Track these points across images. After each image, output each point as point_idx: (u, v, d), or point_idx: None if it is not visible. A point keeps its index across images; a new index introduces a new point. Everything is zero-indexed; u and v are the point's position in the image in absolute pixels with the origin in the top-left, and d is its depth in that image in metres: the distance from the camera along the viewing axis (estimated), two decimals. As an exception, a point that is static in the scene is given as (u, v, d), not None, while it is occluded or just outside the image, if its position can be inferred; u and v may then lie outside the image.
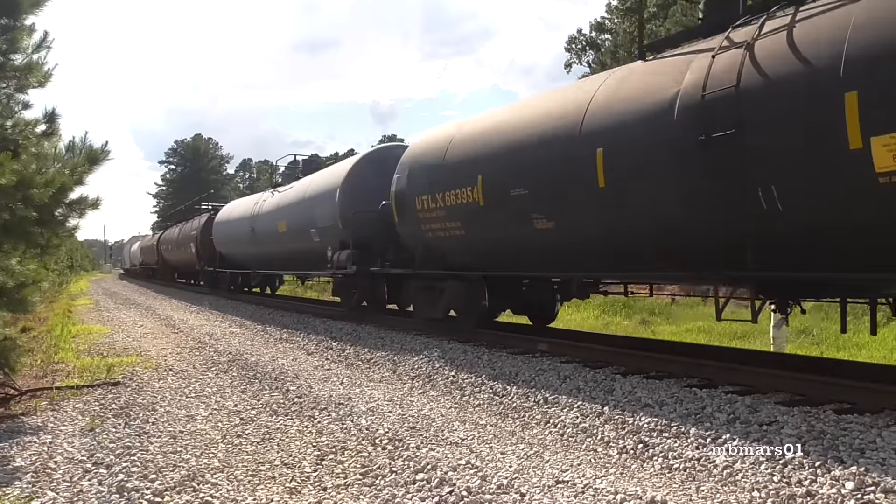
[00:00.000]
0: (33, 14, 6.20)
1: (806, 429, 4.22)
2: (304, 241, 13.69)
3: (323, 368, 7.77)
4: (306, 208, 13.57)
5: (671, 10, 27.80)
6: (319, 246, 12.77)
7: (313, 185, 13.80)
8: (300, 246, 14.09)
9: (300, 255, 14.42)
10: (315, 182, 13.87)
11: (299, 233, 13.96)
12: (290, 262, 16.05)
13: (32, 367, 7.98)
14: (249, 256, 18.76)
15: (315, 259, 13.20)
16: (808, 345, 10.29)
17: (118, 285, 37.61)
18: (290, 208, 14.72)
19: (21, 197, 5.97)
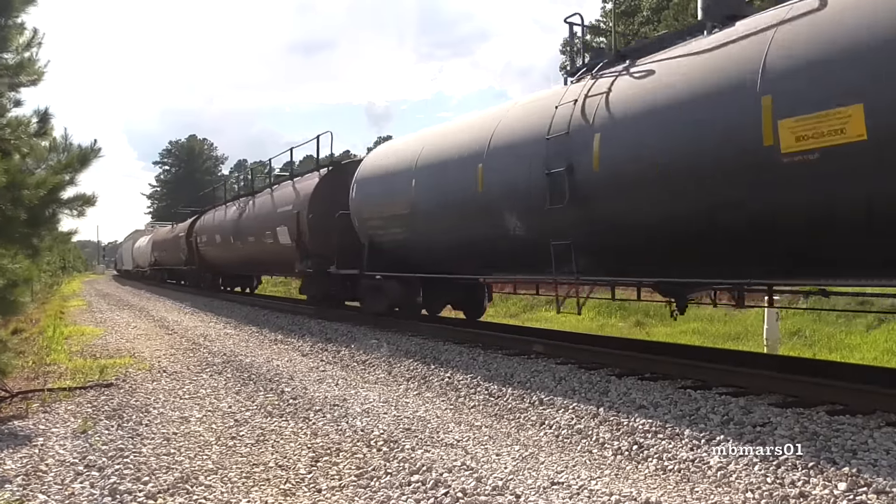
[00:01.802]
0: (25, 12, 6.17)
1: (799, 430, 4.24)
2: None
3: (318, 370, 7.75)
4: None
5: (663, 15, 27.89)
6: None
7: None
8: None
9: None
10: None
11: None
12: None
13: (24, 368, 7.93)
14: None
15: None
16: (800, 346, 10.33)
17: (111, 286, 37.43)
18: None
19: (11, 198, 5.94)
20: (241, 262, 18.28)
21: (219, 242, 19.14)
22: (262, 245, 15.22)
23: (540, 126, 7.18)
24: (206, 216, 22.27)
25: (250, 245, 16.26)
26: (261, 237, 15.26)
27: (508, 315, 17.47)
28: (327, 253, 12.32)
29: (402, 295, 10.80)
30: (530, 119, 7.54)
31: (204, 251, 21.52)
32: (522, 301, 19.26)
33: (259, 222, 15.50)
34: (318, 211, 12.68)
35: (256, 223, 15.69)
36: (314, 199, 12.86)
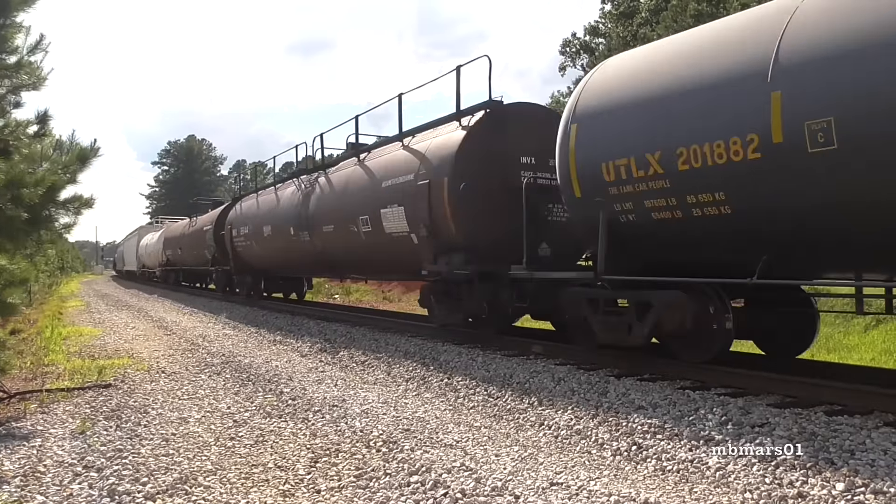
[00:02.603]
0: (24, 11, 6.16)
1: (797, 430, 4.24)
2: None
3: (317, 370, 7.75)
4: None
5: (662, 16, 27.92)
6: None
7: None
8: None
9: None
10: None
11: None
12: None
13: (22, 369, 7.92)
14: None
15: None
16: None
17: (110, 287, 37.38)
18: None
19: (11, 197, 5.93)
20: (307, 260, 13.68)
21: (268, 236, 14.99)
22: (351, 237, 10.82)
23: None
24: (245, 203, 17.68)
25: (328, 237, 11.85)
26: (347, 226, 10.85)
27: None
28: (485, 244, 8.22)
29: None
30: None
31: (243, 248, 17.15)
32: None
33: (344, 205, 11.13)
34: (472, 178, 8.23)
35: (339, 207, 11.35)
36: (462, 160, 8.27)
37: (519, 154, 8.49)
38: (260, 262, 16.72)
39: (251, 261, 17.14)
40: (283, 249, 14.33)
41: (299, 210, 13.10)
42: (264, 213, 15.56)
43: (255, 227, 15.90)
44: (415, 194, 8.94)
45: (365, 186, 10.54)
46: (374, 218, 9.99)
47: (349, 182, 11.29)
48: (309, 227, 12.57)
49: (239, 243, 17.37)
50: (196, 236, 22.68)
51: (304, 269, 16.17)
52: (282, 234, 14.05)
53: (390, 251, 9.98)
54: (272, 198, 15.43)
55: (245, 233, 16.80)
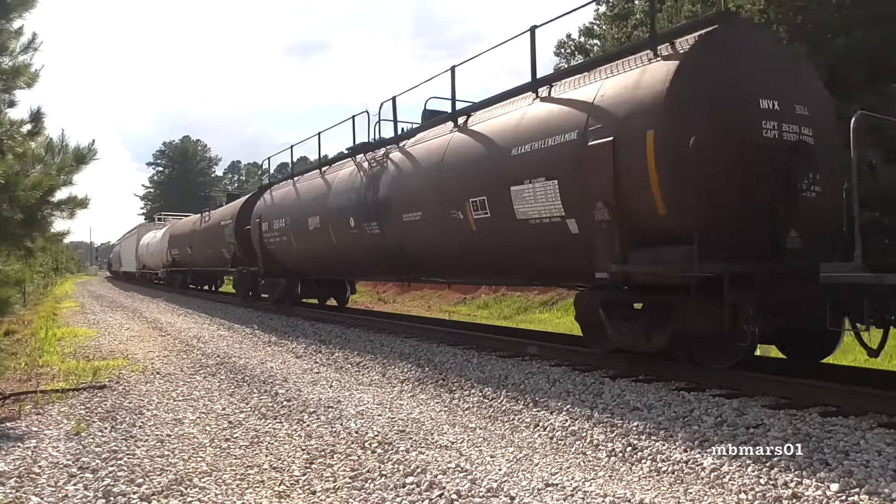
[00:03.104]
0: (21, 16, 6.16)
1: (792, 431, 4.26)
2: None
3: (312, 372, 7.74)
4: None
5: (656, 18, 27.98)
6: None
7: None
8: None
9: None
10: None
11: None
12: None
13: (16, 370, 7.90)
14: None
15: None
16: (793, 348, 10.35)
17: (104, 288, 37.27)
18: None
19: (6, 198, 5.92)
20: (373, 259, 10.76)
21: (315, 230, 12.22)
22: (451, 227, 8.19)
23: None
24: (278, 192, 14.92)
25: (412, 229, 9.14)
26: (446, 213, 8.23)
27: (502, 317, 17.50)
28: (714, 231, 5.17)
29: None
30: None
31: (276, 245, 14.31)
32: (516, 303, 19.30)
33: (440, 185, 8.44)
34: (692, 131, 5.25)
35: (431, 188, 8.66)
36: (678, 104, 5.57)
37: (757, 96, 5.73)
38: (299, 262, 13.89)
39: (286, 260, 14.35)
40: (337, 246, 11.51)
41: (363, 196, 10.38)
42: (308, 201, 12.68)
43: (296, 220, 13.07)
44: (581, 161, 6.23)
45: (477, 157, 7.79)
46: (498, 199, 7.26)
47: (447, 154, 8.45)
48: (379, 217, 9.90)
49: (271, 240, 14.49)
50: (210, 233, 19.63)
51: (363, 271, 13.15)
52: (337, 227, 11.34)
53: (525, 245, 7.21)
54: (318, 183, 12.57)
55: (280, 227, 13.89)
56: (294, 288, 14.91)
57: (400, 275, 11.55)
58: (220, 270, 21.12)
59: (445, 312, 18.19)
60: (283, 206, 14.16)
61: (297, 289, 14.94)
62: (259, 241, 15.13)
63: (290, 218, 13.43)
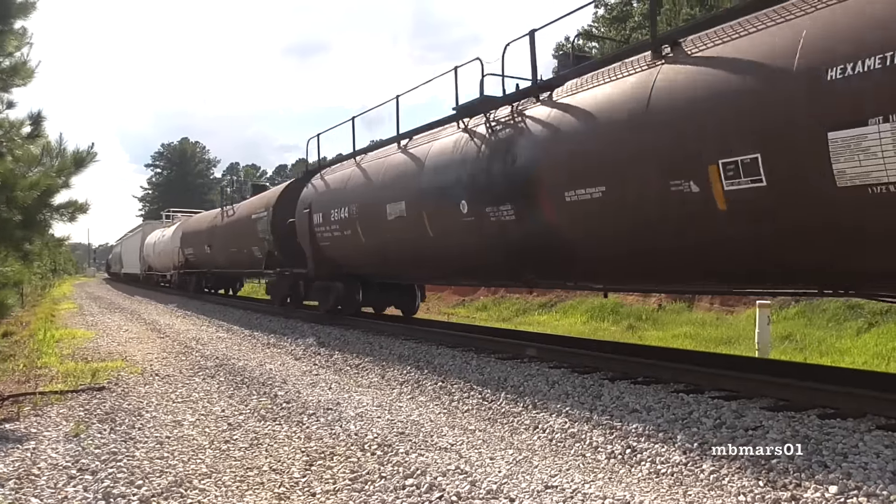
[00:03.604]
0: (22, 19, 6.18)
1: (791, 433, 4.27)
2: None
3: (311, 374, 7.74)
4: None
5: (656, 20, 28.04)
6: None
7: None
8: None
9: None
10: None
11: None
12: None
13: (14, 371, 7.88)
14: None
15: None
16: (791, 350, 10.40)
17: (102, 289, 37.22)
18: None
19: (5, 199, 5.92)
20: (493, 257, 8.15)
21: (396, 218, 9.56)
22: (663, 206, 5.57)
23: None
24: (334, 175, 12.23)
25: (584, 210, 6.35)
26: (655, 188, 5.56)
27: (501, 319, 17.51)
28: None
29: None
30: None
31: (333, 241, 11.71)
32: (515, 305, 19.30)
33: (638, 145, 5.71)
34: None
35: (616, 150, 5.98)
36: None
37: None
38: (366, 262, 11.23)
39: (347, 260, 11.73)
40: (436, 239, 8.85)
41: (485, 170, 7.76)
42: (385, 184, 10.05)
43: (366, 208, 10.51)
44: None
45: (734, 91, 4.95)
46: (790, 155, 4.54)
47: (656, 97, 5.58)
48: (517, 198, 7.23)
49: (325, 234, 11.90)
50: (236, 229, 17.05)
51: (469, 272, 9.51)
52: (436, 214, 8.69)
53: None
54: (399, 160, 9.88)
55: (341, 218, 11.24)
56: (354, 294, 12.28)
57: (540, 276, 8.03)
58: (249, 272, 18.32)
59: (444, 314, 18.19)
60: (344, 191, 11.35)
61: (358, 295, 12.31)
62: (309, 237, 12.40)
63: (357, 206, 10.71)
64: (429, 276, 11.57)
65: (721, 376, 5.86)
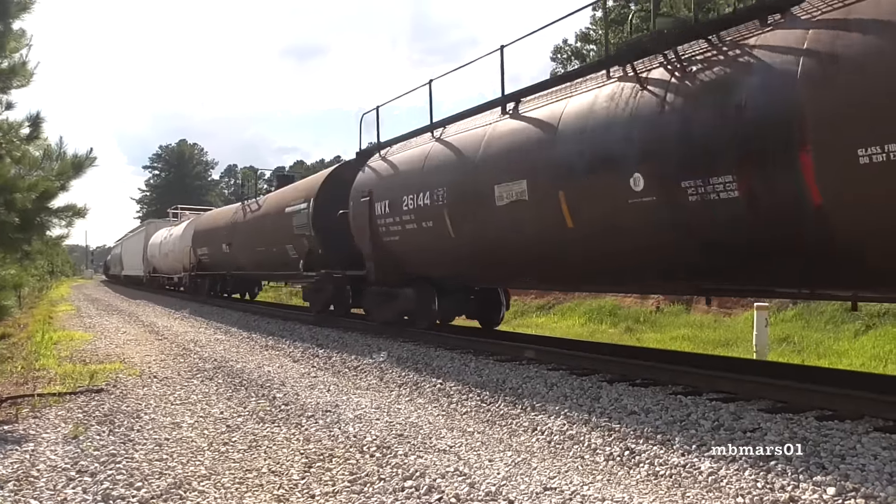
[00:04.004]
0: (20, 18, 6.19)
1: (788, 435, 4.28)
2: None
3: (309, 376, 7.74)
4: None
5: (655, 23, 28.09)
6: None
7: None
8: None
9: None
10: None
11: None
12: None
13: (12, 373, 7.88)
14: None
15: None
16: (789, 352, 10.43)
17: (100, 291, 37.17)
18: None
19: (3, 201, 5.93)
20: (683, 250, 5.82)
21: (510, 204, 7.37)
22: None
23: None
24: (403, 155, 10.04)
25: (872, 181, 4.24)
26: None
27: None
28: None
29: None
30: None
31: (405, 237, 9.56)
32: (513, 307, 19.30)
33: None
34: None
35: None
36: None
37: None
38: (453, 261, 8.97)
39: (422, 259, 9.59)
40: (576, 232, 6.65)
41: (680, 126, 5.59)
42: (491, 159, 7.78)
43: (460, 193, 8.26)
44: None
45: None
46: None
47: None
48: (744, 165, 5.06)
49: (392, 227, 9.73)
50: (264, 224, 15.04)
51: (629, 274, 6.85)
52: (580, 196, 6.54)
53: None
54: (510, 128, 7.68)
55: (418, 206, 9.01)
56: (428, 302, 9.89)
57: (769, 282, 5.79)
58: (282, 275, 15.77)
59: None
60: (420, 173, 9.15)
61: (434, 303, 9.88)
62: (369, 232, 10.19)
63: (447, 189, 8.45)
64: (555, 279, 8.50)
65: (719, 378, 5.87)
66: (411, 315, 10.37)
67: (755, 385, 5.56)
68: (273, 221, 14.48)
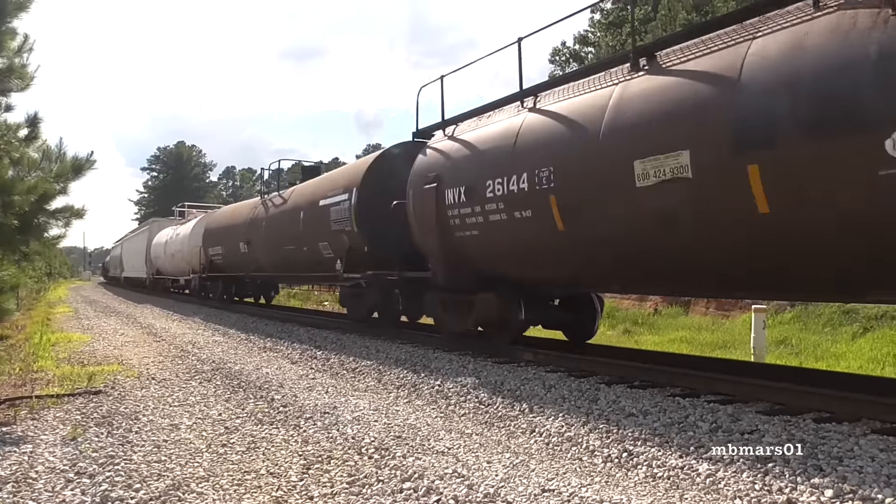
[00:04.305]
0: (17, 17, 6.19)
1: (786, 437, 4.29)
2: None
3: (308, 377, 7.74)
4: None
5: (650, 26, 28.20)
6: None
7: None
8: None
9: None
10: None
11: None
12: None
13: (10, 375, 7.86)
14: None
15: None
16: (787, 354, 10.44)
17: (98, 293, 37.12)
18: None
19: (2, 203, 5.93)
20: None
21: (660, 184, 5.58)
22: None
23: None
24: (476, 134, 8.39)
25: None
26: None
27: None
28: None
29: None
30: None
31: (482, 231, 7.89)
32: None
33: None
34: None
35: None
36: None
37: None
38: (555, 262, 7.26)
39: (511, 259, 7.85)
40: (775, 219, 4.90)
41: None
42: (626, 128, 6.08)
43: (574, 173, 6.58)
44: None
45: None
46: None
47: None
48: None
49: (469, 220, 8.00)
50: (291, 220, 13.39)
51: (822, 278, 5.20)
52: (785, 168, 4.76)
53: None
54: (653, 86, 6.01)
55: (507, 193, 7.32)
56: (514, 310, 8.11)
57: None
58: (315, 277, 13.96)
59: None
60: (511, 151, 7.39)
61: (520, 312, 8.13)
62: (436, 225, 8.46)
63: (553, 169, 6.72)
64: (737, 286, 6.18)
65: (717, 380, 5.88)
66: (490, 326, 8.59)
67: (753, 387, 5.57)
68: (304, 216, 12.74)
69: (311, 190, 13.20)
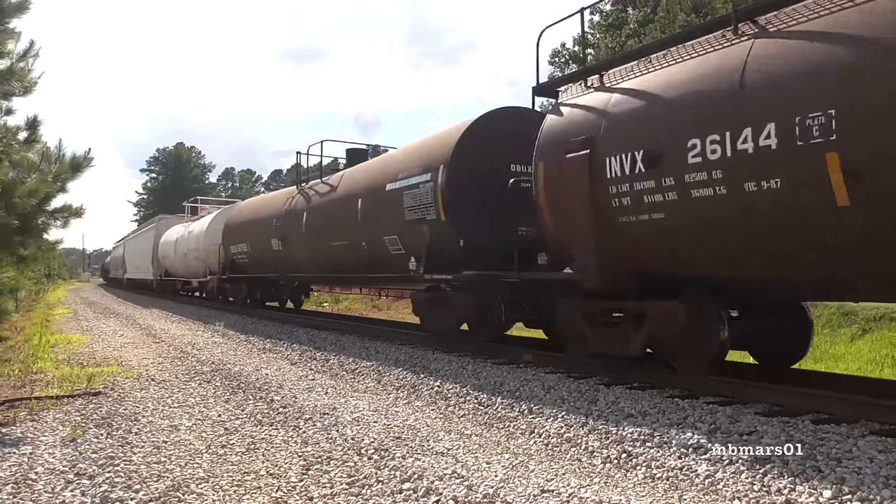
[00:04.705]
0: (17, 18, 6.21)
1: (785, 438, 4.30)
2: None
3: (307, 378, 7.74)
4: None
5: (649, 28, 28.24)
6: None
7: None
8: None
9: None
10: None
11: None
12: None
13: (10, 376, 7.86)
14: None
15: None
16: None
17: (97, 294, 37.10)
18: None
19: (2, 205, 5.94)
20: None
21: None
22: None
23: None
24: (659, 75, 5.88)
25: None
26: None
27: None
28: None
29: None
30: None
31: (667, 214, 5.56)
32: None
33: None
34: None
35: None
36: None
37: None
38: (818, 255, 4.81)
39: (719, 257, 5.52)
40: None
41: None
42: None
43: (863, 120, 4.24)
44: None
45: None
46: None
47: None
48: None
49: (650, 198, 5.69)
50: (346, 210, 11.00)
51: None
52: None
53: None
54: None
55: (726, 156, 5.00)
56: (714, 326, 5.84)
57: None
58: (381, 278, 11.49)
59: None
60: (739, 94, 5.03)
61: (724, 329, 5.82)
62: (591, 208, 6.23)
63: (823, 116, 4.43)
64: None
65: (716, 381, 5.89)
66: (673, 354, 6.23)
67: (752, 389, 5.58)
68: (363, 205, 10.41)
69: (371, 173, 10.73)
